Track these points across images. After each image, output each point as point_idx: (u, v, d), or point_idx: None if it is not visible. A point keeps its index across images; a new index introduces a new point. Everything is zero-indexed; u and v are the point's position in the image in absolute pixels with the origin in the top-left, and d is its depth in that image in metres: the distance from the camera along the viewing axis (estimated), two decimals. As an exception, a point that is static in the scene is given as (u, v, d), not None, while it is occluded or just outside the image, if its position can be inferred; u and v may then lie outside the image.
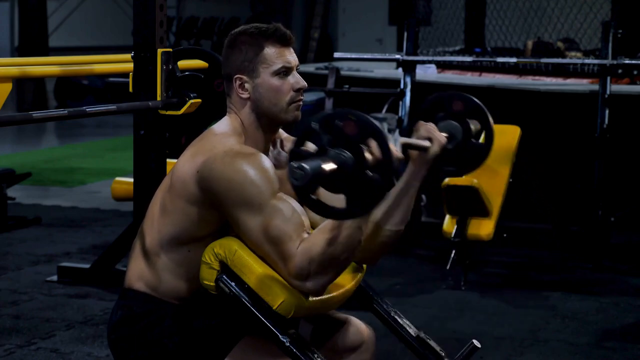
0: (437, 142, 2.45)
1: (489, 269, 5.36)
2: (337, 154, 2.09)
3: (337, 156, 2.09)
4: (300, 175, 2.02)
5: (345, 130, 2.10)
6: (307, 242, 2.23)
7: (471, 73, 7.33)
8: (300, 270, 2.22)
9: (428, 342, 2.53)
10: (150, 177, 3.48)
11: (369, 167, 2.08)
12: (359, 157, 2.09)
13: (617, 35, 5.39)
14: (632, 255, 5.59)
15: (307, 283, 2.24)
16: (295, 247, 2.23)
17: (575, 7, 7.17)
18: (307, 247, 2.22)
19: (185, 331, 2.36)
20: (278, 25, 2.42)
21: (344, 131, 2.10)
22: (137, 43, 3.48)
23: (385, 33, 18.65)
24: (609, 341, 4.18)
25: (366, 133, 2.09)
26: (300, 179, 2.02)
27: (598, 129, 5.39)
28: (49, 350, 3.94)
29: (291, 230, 2.24)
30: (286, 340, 2.26)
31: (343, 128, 2.10)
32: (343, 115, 2.11)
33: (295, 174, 2.02)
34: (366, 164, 2.08)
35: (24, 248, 5.66)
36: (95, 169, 8.85)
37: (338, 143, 2.10)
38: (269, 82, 2.39)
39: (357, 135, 2.10)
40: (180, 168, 2.37)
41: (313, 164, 2.04)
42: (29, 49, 13.20)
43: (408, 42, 5.92)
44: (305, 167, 2.01)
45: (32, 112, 2.99)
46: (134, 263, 2.44)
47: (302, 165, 2.02)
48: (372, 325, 2.61)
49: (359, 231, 2.24)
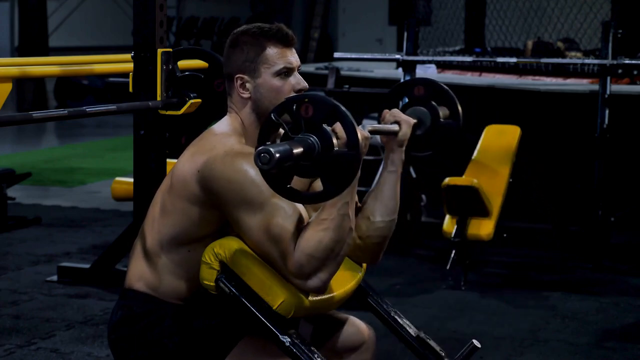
0: (405, 123, 2.46)
1: (489, 269, 5.36)
2: (301, 138, 2.09)
3: (302, 140, 2.09)
4: (266, 159, 2.01)
5: (304, 114, 2.10)
6: (301, 239, 2.24)
7: (471, 73, 7.33)
8: (300, 268, 2.23)
9: (428, 342, 2.53)
10: (150, 177, 3.48)
11: (337, 146, 2.09)
12: (324, 137, 2.09)
13: (617, 35, 5.39)
14: (632, 255, 5.59)
15: (308, 280, 2.24)
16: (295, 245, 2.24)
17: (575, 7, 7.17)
18: (302, 244, 2.23)
19: (185, 331, 2.36)
20: (280, 25, 2.42)
21: (304, 115, 2.10)
22: (137, 43, 3.48)
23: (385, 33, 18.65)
24: (609, 341, 4.18)
25: (323, 112, 2.10)
26: (267, 163, 2.01)
27: (598, 129, 5.39)
28: (49, 350, 3.94)
29: (292, 228, 2.24)
30: (286, 340, 2.26)
31: (300, 112, 2.10)
32: (298, 99, 2.12)
33: (262, 159, 2.01)
34: (331, 142, 2.09)
35: (24, 248, 5.66)
36: (95, 169, 8.85)
37: (300, 129, 2.11)
38: (270, 82, 2.39)
39: (316, 116, 2.10)
40: (180, 168, 2.37)
41: (279, 147, 2.03)
42: (29, 49, 13.20)
43: (408, 42, 5.92)
44: (270, 150, 2.01)
45: (32, 112, 2.99)
46: (135, 263, 2.44)
47: (267, 149, 2.01)
48: (372, 325, 2.61)
49: (347, 218, 2.24)
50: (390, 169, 2.46)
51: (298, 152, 2.06)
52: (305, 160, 2.09)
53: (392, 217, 2.46)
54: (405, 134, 2.46)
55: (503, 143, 5.25)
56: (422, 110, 2.62)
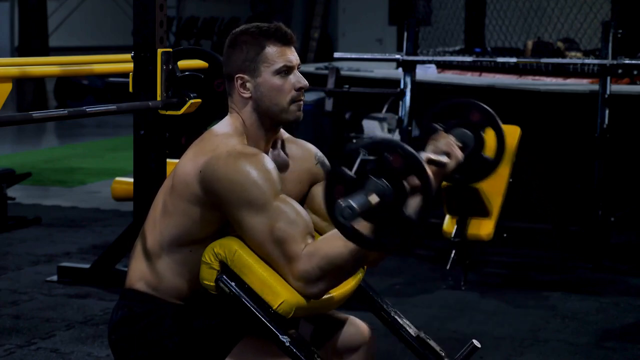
0: (455, 158, 2.44)
1: (489, 269, 5.36)
2: (378, 184, 2.07)
3: (378, 186, 2.07)
4: (349, 215, 2.02)
5: (390, 161, 2.08)
6: (314, 247, 2.23)
7: (471, 73, 7.33)
8: (304, 273, 2.23)
9: (428, 342, 2.53)
10: (150, 177, 3.48)
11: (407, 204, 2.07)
12: (400, 192, 2.07)
13: (617, 35, 5.39)
14: (632, 255, 5.59)
15: (308, 287, 2.24)
16: (301, 249, 2.24)
17: (575, 7, 7.16)
18: (313, 252, 2.23)
19: (185, 331, 2.36)
20: (279, 24, 2.41)
21: (388, 162, 2.08)
22: (137, 43, 3.48)
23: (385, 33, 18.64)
24: (609, 341, 4.18)
25: (410, 168, 2.07)
26: (349, 218, 2.02)
27: (598, 129, 5.39)
28: (49, 350, 3.93)
29: (296, 232, 2.24)
30: (286, 340, 2.26)
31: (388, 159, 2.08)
32: (392, 146, 2.08)
33: (343, 212, 2.02)
34: (405, 199, 2.07)
35: (24, 248, 5.66)
36: (95, 169, 8.84)
37: (380, 172, 2.08)
38: (270, 81, 2.39)
39: (400, 168, 2.08)
40: (182, 169, 2.37)
41: (360, 201, 2.03)
42: (29, 49, 13.19)
43: (408, 42, 5.92)
44: (354, 206, 2.01)
45: (32, 112, 2.99)
46: (135, 263, 2.44)
47: (351, 204, 2.01)
48: (372, 325, 2.61)
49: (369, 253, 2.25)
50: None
51: (375, 202, 2.05)
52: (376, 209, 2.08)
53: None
54: (451, 169, 2.44)
55: (503, 143, 5.24)
56: (470, 136, 2.58)
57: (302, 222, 2.25)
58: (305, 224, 2.26)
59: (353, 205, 2.01)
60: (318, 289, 2.25)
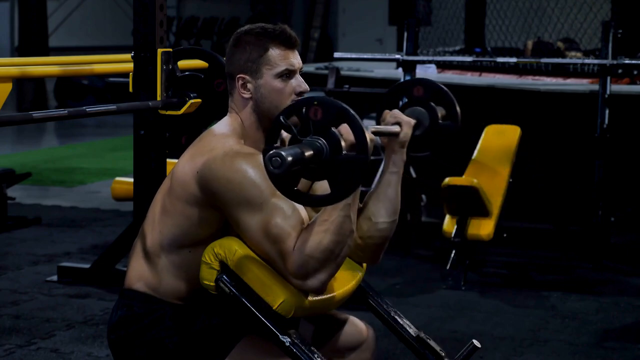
0: (406, 124, 2.46)
1: (489, 269, 5.36)
2: (310, 141, 2.10)
3: (311, 143, 2.09)
4: (278, 163, 2.01)
5: (312, 117, 2.11)
6: (301, 239, 2.23)
7: (471, 73, 7.33)
8: (299, 268, 2.22)
9: (428, 342, 2.53)
10: (150, 177, 3.48)
11: (344, 149, 2.10)
12: (332, 140, 2.09)
13: (617, 35, 5.39)
14: (632, 255, 5.59)
15: (307, 281, 2.24)
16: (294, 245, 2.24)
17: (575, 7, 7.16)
18: (301, 244, 2.23)
19: (185, 331, 2.36)
20: (284, 27, 2.41)
21: (311, 118, 2.11)
22: (137, 43, 3.48)
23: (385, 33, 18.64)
24: (609, 341, 4.18)
25: (333, 115, 2.10)
26: (279, 167, 2.01)
27: (598, 129, 5.39)
28: (49, 350, 3.94)
29: (291, 228, 2.24)
30: (286, 340, 2.26)
31: (310, 115, 2.11)
32: (308, 102, 2.12)
33: (273, 162, 2.02)
34: (340, 145, 2.09)
35: (24, 248, 5.66)
36: (95, 169, 8.85)
37: (309, 131, 2.11)
38: (271, 83, 2.39)
39: (325, 119, 2.10)
40: (180, 169, 2.37)
41: (290, 151, 2.04)
42: (29, 49, 13.19)
43: (408, 42, 5.92)
44: (282, 154, 2.01)
45: (32, 112, 2.99)
46: (135, 263, 2.44)
47: (279, 152, 2.01)
48: (372, 325, 2.61)
49: (348, 220, 2.24)
50: (392, 170, 2.46)
51: (308, 155, 2.07)
52: (314, 163, 2.09)
53: (394, 217, 2.46)
54: (407, 135, 2.45)
55: (503, 143, 5.25)
56: (421, 110, 2.63)
57: (298, 219, 2.25)
58: (301, 220, 2.26)
59: (281, 153, 2.01)
60: (317, 281, 2.24)
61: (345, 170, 2.10)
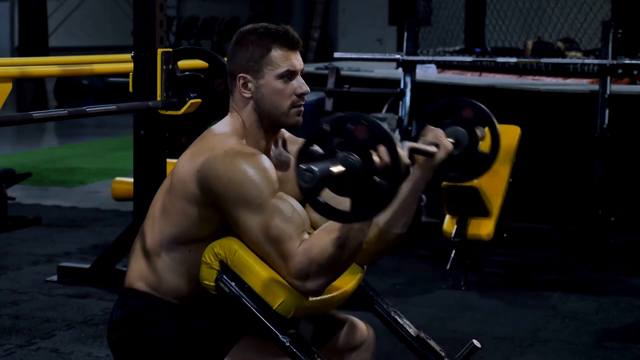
0: (444, 148, 2.44)
1: (489, 269, 5.36)
2: (345, 157, 2.09)
3: (346, 159, 2.08)
4: (309, 178, 2.02)
5: (355, 134, 2.09)
6: (308, 242, 2.23)
7: (471, 73, 7.33)
8: (301, 271, 2.22)
9: (428, 342, 2.53)
10: (150, 177, 3.48)
11: (377, 173, 2.08)
12: (368, 162, 2.08)
13: (617, 35, 5.39)
14: (632, 255, 5.59)
15: (307, 283, 2.24)
16: (296, 246, 2.24)
17: (575, 7, 7.16)
18: (308, 247, 2.22)
19: (185, 331, 2.36)
20: (287, 28, 2.41)
21: (354, 135, 2.09)
22: (137, 43, 3.48)
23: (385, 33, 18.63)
24: (609, 341, 4.19)
25: (376, 138, 2.09)
26: (309, 182, 2.02)
27: (598, 129, 5.39)
28: (49, 350, 3.94)
29: (291, 229, 2.24)
30: (286, 340, 2.26)
31: (354, 132, 2.09)
32: (355, 118, 2.10)
33: (303, 176, 2.02)
34: (374, 168, 2.08)
35: (24, 248, 5.66)
36: (95, 169, 8.84)
37: (347, 146, 2.10)
38: (272, 84, 2.38)
39: (366, 139, 2.09)
40: (180, 168, 2.37)
41: (322, 166, 2.04)
42: (29, 49, 13.19)
43: (408, 42, 5.92)
44: (314, 169, 2.01)
45: (32, 112, 2.99)
46: (135, 263, 2.44)
47: (310, 167, 2.01)
48: (372, 325, 2.61)
49: (361, 234, 2.24)
50: (417, 187, 2.45)
51: (339, 172, 2.06)
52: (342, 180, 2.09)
53: (404, 230, 2.46)
54: (441, 159, 2.44)
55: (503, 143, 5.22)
56: (463, 133, 2.58)
57: (298, 220, 2.25)
58: (302, 221, 2.26)
59: (313, 168, 2.01)
60: (316, 285, 2.24)
61: (373, 194, 2.09)
